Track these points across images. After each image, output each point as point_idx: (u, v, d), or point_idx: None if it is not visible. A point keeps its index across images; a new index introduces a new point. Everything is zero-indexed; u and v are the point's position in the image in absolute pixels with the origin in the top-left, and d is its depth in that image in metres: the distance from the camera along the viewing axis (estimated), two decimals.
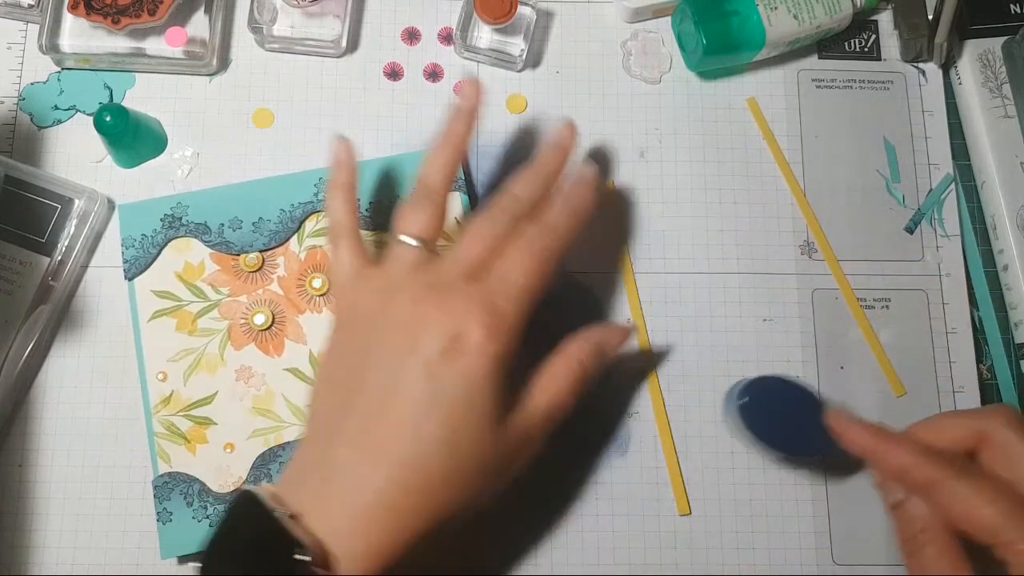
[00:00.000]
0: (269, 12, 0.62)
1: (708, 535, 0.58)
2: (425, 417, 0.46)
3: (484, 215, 0.51)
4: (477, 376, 0.46)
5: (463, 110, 0.54)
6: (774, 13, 0.61)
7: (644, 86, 0.65)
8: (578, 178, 0.54)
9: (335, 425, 0.47)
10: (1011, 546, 0.42)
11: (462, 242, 0.50)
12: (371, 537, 0.44)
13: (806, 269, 0.62)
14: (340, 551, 0.44)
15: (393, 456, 0.45)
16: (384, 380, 0.47)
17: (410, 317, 0.48)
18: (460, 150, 0.53)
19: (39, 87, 0.62)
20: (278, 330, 0.58)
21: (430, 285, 0.49)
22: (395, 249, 0.51)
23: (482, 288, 0.48)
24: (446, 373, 0.46)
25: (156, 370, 0.57)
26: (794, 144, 0.64)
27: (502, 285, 0.49)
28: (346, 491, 0.45)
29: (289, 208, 0.59)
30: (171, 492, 0.56)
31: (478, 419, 0.46)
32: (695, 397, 0.60)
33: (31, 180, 0.59)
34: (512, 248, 0.50)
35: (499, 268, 0.49)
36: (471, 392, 0.46)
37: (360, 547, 0.44)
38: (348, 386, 0.48)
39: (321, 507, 0.45)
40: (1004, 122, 0.64)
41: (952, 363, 0.61)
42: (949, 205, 0.64)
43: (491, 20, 0.60)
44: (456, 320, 0.47)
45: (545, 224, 0.51)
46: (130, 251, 0.58)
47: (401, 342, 0.47)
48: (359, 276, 0.51)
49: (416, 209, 0.51)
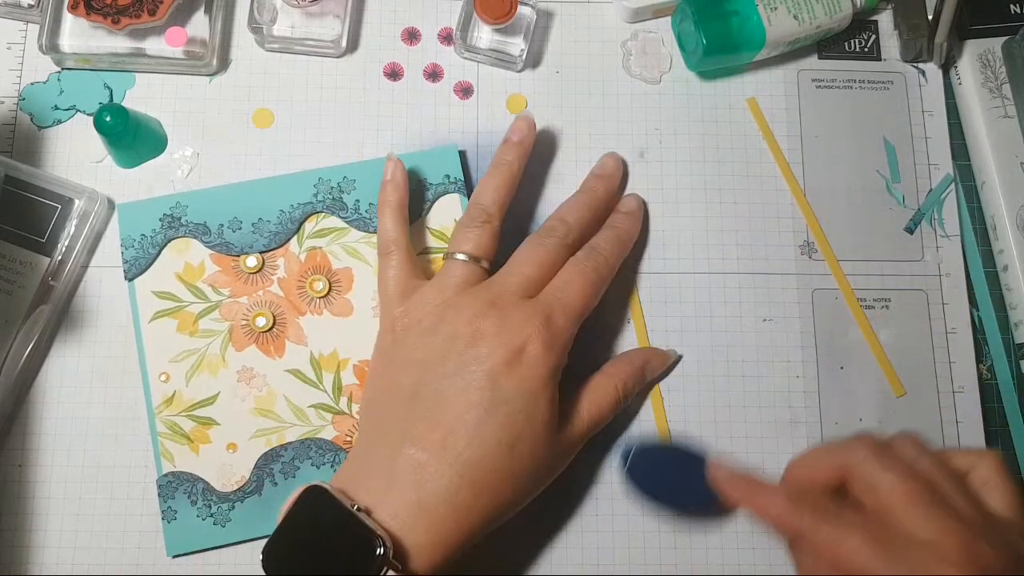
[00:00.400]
0: (269, 12, 0.62)
1: (708, 535, 0.58)
2: (488, 422, 0.49)
3: (535, 238, 0.56)
4: (536, 385, 0.50)
5: (512, 143, 0.58)
6: (774, 13, 0.61)
7: (644, 86, 0.65)
8: (626, 208, 0.60)
9: (400, 429, 0.50)
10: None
11: (515, 262, 0.55)
12: (436, 531, 0.48)
13: (806, 269, 0.62)
14: (407, 544, 0.47)
15: (458, 457, 0.49)
16: (449, 387, 0.50)
17: (473, 330, 0.51)
18: (512, 175, 0.57)
19: (39, 87, 0.62)
20: (279, 332, 0.58)
21: (491, 302, 0.52)
22: (449, 265, 0.54)
23: (538, 304, 0.52)
24: (508, 382, 0.50)
25: (158, 371, 0.57)
26: (794, 144, 0.64)
27: (558, 303, 0.53)
28: (413, 489, 0.48)
29: (288, 209, 0.59)
30: (175, 491, 0.56)
31: (536, 425, 0.50)
32: (695, 397, 0.60)
33: (31, 180, 0.59)
34: (568, 269, 0.54)
35: (554, 287, 0.53)
36: (531, 400, 0.50)
37: (425, 541, 0.47)
38: (412, 393, 0.51)
39: (389, 503, 0.48)
40: (1004, 122, 0.64)
41: (952, 363, 0.61)
42: (949, 205, 0.64)
43: (491, 20, 0.60)
44: (517, 334, 0.51)
45: (596, 251, 0.56)
46: (130, 251, 0.58)
47: (465, 353, 0.51)
48: (412, 290, 0.54)
49: (469, 228, 0.55)
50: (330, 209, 0.59)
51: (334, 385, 0.58)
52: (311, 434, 0.57)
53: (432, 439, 0.49)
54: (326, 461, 0.57)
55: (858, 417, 0.60)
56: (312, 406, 0.58)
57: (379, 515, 0.47)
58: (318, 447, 0.57)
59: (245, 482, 0.56)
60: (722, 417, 0.60)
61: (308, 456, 0.57)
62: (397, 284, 0.55)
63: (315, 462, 0.57)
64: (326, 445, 0.57)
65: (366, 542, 0.45)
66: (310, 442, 0.57)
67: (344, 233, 0.59)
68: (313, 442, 0.57)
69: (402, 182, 0.57)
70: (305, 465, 0.57)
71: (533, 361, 0.50)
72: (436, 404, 0.50)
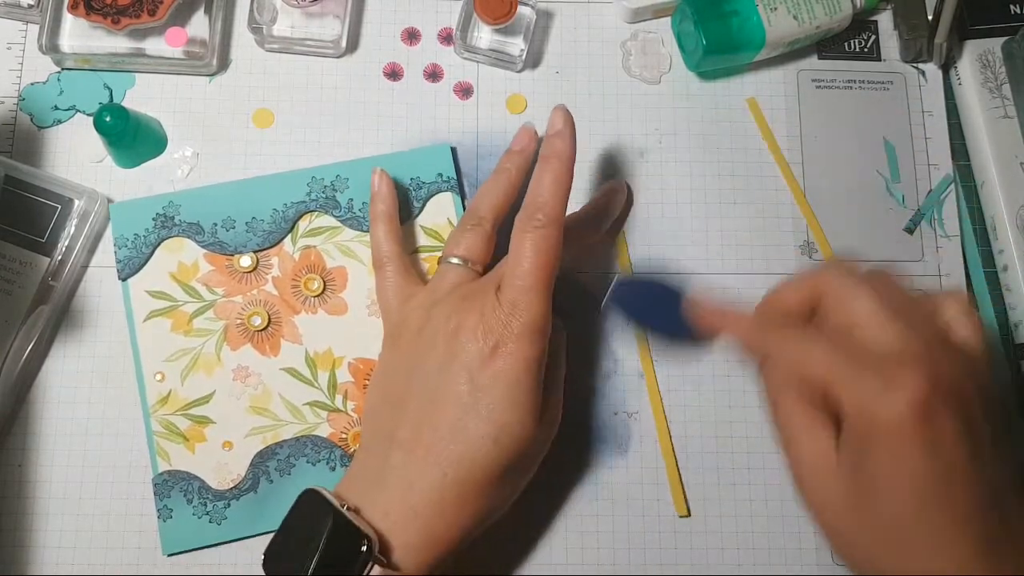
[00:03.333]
0: (269, 12, 0.62)
1: (708, 535, 0.58)
2: (470, 417, 0.49)
3: None
4: (514, 376, 0.50)
5: (514, 152, 0.57)
6: (774, 13, 0.61)
7: (644, 86, 0.65)
8: (553, 130, 0.54)
9: (389, 433, 0.51)
10: (844, 384, 0.42)
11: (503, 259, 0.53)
12: (426, 530, 0.48)
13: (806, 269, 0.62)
14: (397, 542, 0.48)
15: (443, 456, 0.49)
16: (430, 387, 0.50)
17: (452, 326, 0.51)
18: (509, 182, 0.56)
19: (39, 87, 0.62)
20: (274, 330, 0.58)
21: (465, 296, 0.52)
22: (441, 269, 0.55)
23: (503, 293, 0.51)
24: (486, 375, 0.50)
25: (153, 370, 0.57)
26: (794, 144, 0.64)
27: (520, 286, 0.51)
28: (401, 490, 0.49)
29: (282, 208, 0.59)
30: (171, 490, 0.56)
31: (520, 414, 0.50)
32: (694, 397, 0.60)
33: (31, 180, 0.59)
34: (513, 241, 0.52)
35: (510, 271, 0.51)
36: (511, 390, 0.50)
37: (416, 540, 0.48)
38: (399, 397, 0.52)
39: (378, 504, 0.49)
40: (1004, 122, 0.64)
41: None
42: (949, 205, 0.64)
43: (491, 20, 0.61)
44: (491, 326, 0.50)
45: (534, 206, 0.52)
46: (123, 251, 0.58)
47: (443, 351, 0.51)
48: (409, 296, 0.55)
49: (462, 232, 0.55)
50: (323, 208, 0.59)
51: (329, 383, 0.58)
52: (307, 431, 0.57)
53: (418, 440, 0.49)
54: (321, 458, 0.57)
55: None
56: (307, 404, 0.58)
57: (369, 515, 0.48)
58: (313, 444, 0.57)
59: (241, 480, 0.56)
60: (722, 417, 0.60)
61: (304, 453, 0.57)
62: (395, 294, 0.55)
63: (311, 459, 0.57)
64: (321, 442, 0.57)
65: (354, 540, 0.46)
66: (306, 439, 0.57)
67: (338, 232, 0.60)
68: (309, 439, 0.57)
69: (388, 193, 0.57)
70: (301, 462, 0.57)
71: (509, 351, 0.50)
72: (422, 404, 0.50)
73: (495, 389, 0.49)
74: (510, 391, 0.50)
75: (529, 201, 0.52)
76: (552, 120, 0.54)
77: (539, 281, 0.51)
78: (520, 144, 0.57)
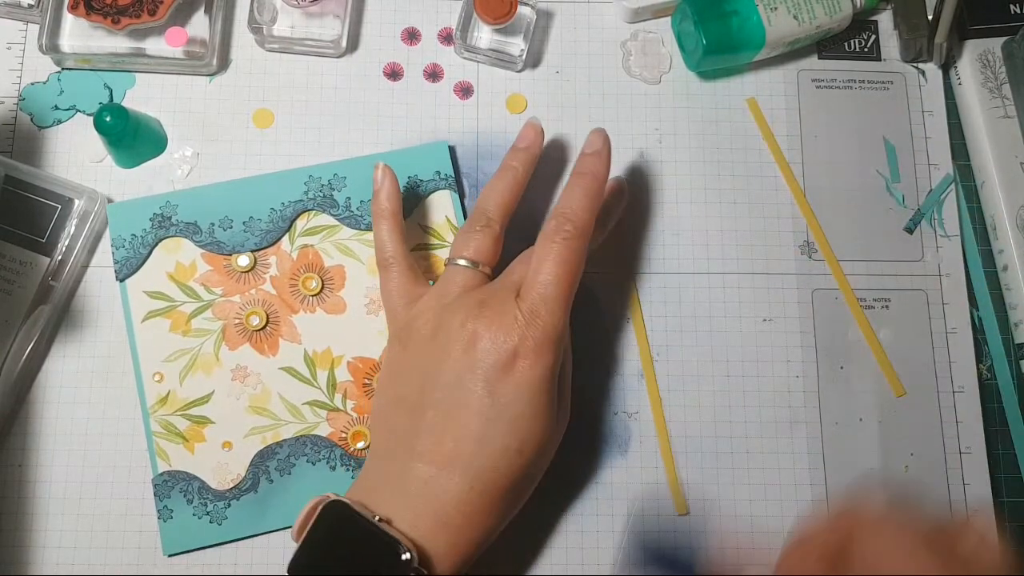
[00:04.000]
0: (269, 12, 0.62)
1: (708, 535, 0.58)
2: (493, 430, 0.49)
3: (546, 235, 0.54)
4: (534, 388, 0.50)
5: (519, 149, 0.57)
6: (774, 13, 0.61)
7: (644, 86, 0.65)
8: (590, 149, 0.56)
9: (408, 442, 0.50)
10: None
11: (514, 261, 0.54)
12: (454, 539, 0.49)
13: (806, 269, 0.62)
14: (428, 551, 0.48)
15: (467, 468, 0.49)
16: (450, 398, 0.50)
17: (467, 333, 0.50)
18: (516, 180, 0.56)
19: (39, 87, 0.62)
20: (272, 330, 0.58)
21: (482, 303, 0.51)
22: (449, 271, 0.54)
23: (522, 303, 0.51)
24: (506, 387, 0.50)
25: (152, 370, 0.57)
26: (794, 144, 0.64)
27: (539, 297, 0.51)
28: (427, 500, 0.49)
29: (280, 207, 0.59)
30: (171, 490, 0.56)
31: (544, 425, 0.50)
32: (694, 397, 0.60)
33: (31, 180, 0.59)
34: (538, 251, 0.52)
35: (532, 280, 0.52)
36: (532, 401, 0.50)
37: (444, 549, 0.48)
38: (413, 403, 0.51)
39: (406, 515, 0.48)
40: (1004, 122, 0.64)
41: (952, 363, 0.61)
42: (949, 205, 0.64)
43: (491, 20, 0.61)
44: (508, 337, 0.50)
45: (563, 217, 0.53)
46: (120, 251, 0.58)
47: (460, 359, 0.50)
48: (415, 298, 0.54)
49: (470, 233, 0.54)
50: (321, 207, 0.59)
51: (328, 382, 0.58)
52: (306, 431, 0.57)
53: (440, 453, 0.49)
54: (321, 458, 0.57)
55: (858, 417, 0.60)
56: (307, 403, 0.58)
57: (399, 525, 0.48)
58: (313, 444, 0.57)
59: (241, 480, 0.56)
60: (722, 417, 0.60)
61: (303, 453, 0.57)
62: (400, 295, 0.55)
63: (310, 459, 0.57)
64: (321, 442, 0.57)
65: (392, 550, 0.46)
66: (305, 439, 0.57)
67: (336, 230, 0.60)
68: (308, 439, 0.57)
69: (393, 190, 0.56)
70: (300, 462, 0.57)
71: (527, 364, 0.50)
72: (439, 416, 0.50)
73: (519, 401, 0.49)
74: (532, 402, 0.50)
75: (559, 211, 0.53)
76: (591, 139, 0.56)
77: (562, 292, 0.51)
78: (525, 141, 0.57)
